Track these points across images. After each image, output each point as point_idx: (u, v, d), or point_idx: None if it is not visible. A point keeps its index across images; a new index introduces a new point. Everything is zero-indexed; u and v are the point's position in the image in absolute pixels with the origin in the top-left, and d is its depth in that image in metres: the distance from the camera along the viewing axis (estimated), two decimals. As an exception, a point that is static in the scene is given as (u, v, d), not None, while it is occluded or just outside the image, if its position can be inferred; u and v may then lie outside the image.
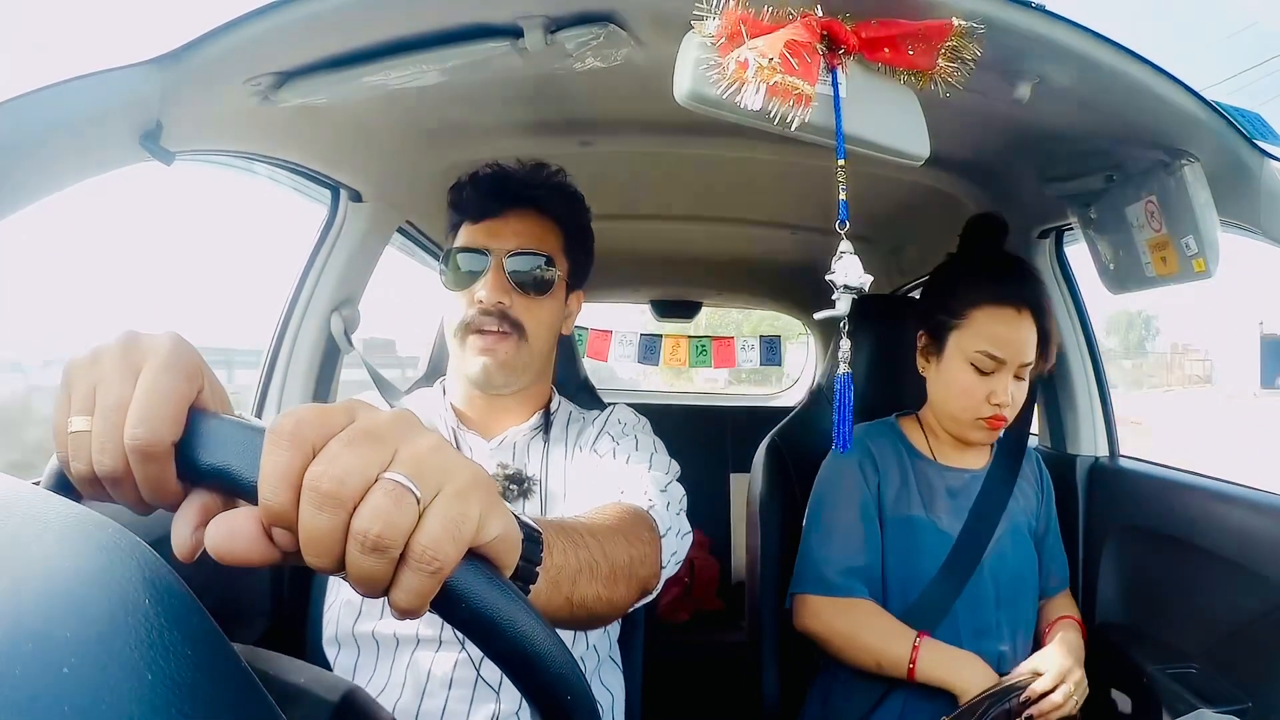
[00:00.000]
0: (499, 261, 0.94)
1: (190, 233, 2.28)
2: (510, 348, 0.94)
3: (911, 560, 1.12)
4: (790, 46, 0.62)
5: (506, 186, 0.98)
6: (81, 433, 0.38)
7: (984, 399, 1.11)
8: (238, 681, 0.29)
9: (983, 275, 1.13)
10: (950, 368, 1.14)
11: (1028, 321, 1.10)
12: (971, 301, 1.12)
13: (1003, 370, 1.10)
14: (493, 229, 0.96)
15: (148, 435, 0.37)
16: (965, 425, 1.14)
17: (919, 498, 1.15)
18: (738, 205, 1.72)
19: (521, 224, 0.97)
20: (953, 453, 1.19)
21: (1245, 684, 1.00)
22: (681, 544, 0.87)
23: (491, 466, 0.94)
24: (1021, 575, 1.14)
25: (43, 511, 0.31)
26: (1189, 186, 0.91)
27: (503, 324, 0.94)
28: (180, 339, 0.41)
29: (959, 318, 1.13)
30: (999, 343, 1.09)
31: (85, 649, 0.25)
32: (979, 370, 1.11)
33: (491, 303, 0.93)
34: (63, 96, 0.66)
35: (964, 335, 1.12)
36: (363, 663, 0.90)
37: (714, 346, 2.87)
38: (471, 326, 0.94)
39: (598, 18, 0.77)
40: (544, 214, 0.98)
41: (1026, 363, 1.11)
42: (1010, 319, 1.10)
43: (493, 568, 0.37)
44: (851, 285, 0.72)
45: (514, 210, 0.97)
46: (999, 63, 0.78)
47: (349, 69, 0.83)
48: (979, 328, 1.11)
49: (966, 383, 1.12)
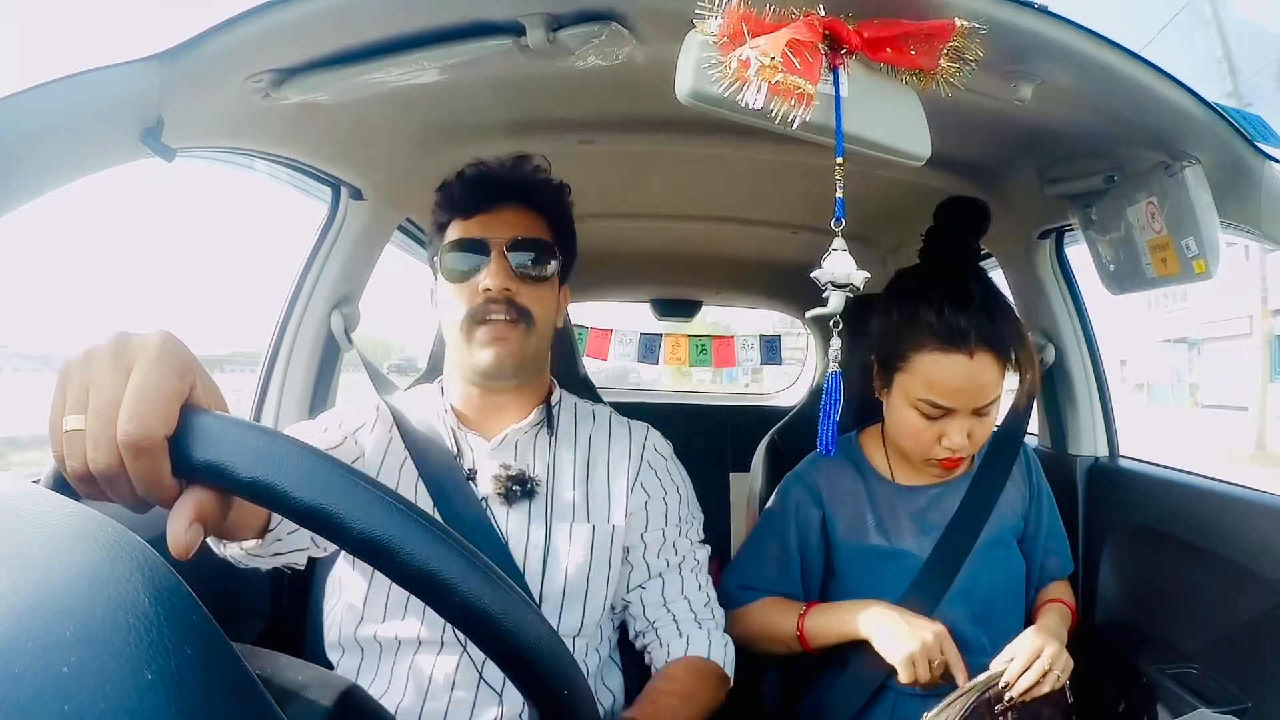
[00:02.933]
0: (500, 251, 0.94)
1: (189, 230, 2.29)
2: (520, 335, 0.94)
3: (873, 588, 1.07)
4: (792, 46, 0.62)
5: (495, 181, 0.98)
6: (76, 431, 0.39)
7: (934, 441, 1.01)
8: (237, 680, 0.29)
9: (925, 307, 0.97)
10: (896, 407, 1.04)
11: (984, 362, 0.96)
12: (913, 343, 0.98)
13: (955, 414, 0.99)
14: (487, 222, 0.96)
15: (139, 430, 0.37)
16: (917, 462, 1.07)
17: (875, 524, 1.10)
18: (738, 204, 1.72)
19: (514, 216, 0.96)
20: (917, 468, 1.11)
21: (1245, 684, 1.00)
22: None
23: (494, 467, 0.94)
24: (1001, 588, 1.09)
25: (42, 511, 0.31)
26: (1190, 188, 0.91)
27: (511, 312, 0.93)
28: (171, 336, 0.41)
29: (900, 360, 1.00)
30: (945, 393, 0.97)
31: (85, 647, 0.25)
32: (925, 415, 1.00)
33: (499, 289, 0.92)
34: (64, 92, 0.66)
35: (906, 379, 1.00)
36: (365, 666, 0.90)
37: (714, 346, 2.87)
38: (478, 317, 0.93)
39: (600, 16, 0.76)
40: (534, 207, 0.98)
41: (982, 406, 0.99)
42: (958, 366, 0.96)
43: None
44: (839, 282, 0.70)
45: (506, 204, 0.97)
46: (1001, 63, 0.78)
47: (350, 66, 0.83)
48: (921, 374, 0.98)
49: (913, 426, 1.02)
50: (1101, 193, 1.08)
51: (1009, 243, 1.36)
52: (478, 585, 0.37)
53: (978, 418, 1.01)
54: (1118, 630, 1.22)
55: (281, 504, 0.36)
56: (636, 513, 1.00)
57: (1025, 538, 1.15)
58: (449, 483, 0.92)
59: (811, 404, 1.43)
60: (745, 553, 1.18)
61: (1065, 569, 1.19)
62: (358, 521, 0.36)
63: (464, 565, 0.37)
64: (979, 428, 1.01)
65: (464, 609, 0.37)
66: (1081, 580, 1.29)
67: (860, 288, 0.71)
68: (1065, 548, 1.20)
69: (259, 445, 0.37)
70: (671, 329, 2.90)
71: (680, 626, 0.98)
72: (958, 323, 0.95)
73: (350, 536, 0.36)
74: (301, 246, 1.29)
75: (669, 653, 0.96)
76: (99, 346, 0.41)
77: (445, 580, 0.36)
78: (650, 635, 0.99)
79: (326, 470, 0.37)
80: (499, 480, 0.92)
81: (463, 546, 0.37)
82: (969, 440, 1.01)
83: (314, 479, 0.36)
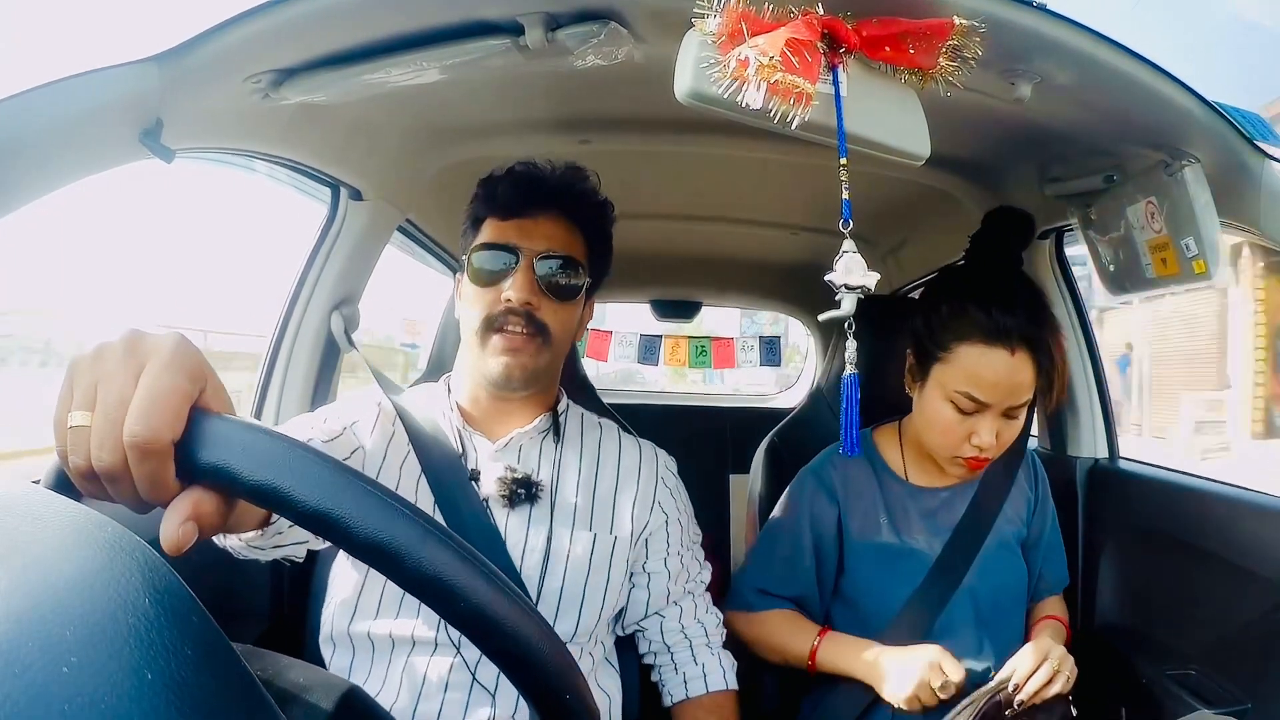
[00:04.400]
0: (529, 262, 0.92)
1: (189, 231, 2.29)
2: (534, 350, 0.93)
3: (885, 585, 1.08)
4: (791, 45, 0.62)
5: (541, 187, 0.96)
6: (81, 428, 0.39)
7: (964, 438, 1.01)
8: (237, 681, 0.29)
9: (973, 304, 0.99)
10: (930, 400, 1.04)
11: (1023, 362, 0.97)
12: (957, 334, 1.00)
13: (988, 411, 1.00)
14: (523, 228, 0.94)
15: (146, 432, 0.37)
16: (943, 459, 1.07)
17: (888, 522, 1.11)
18: (738, 205, 1.72)
19: (552, 227, 0.95)
20: (931, 469, 1.12)
21: (1245, 685, 1.00)
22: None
23: (498, 469, 0.93)
24: (1006, 591, 1.10)
25: (43, 511, 0.31)
26: (1189, 187, 0.91)
27: (529, 326, 0.92)
28: (184, 339, 0.41)
29: (943, 349, 1.01)
30: (983, 386, 0.98)
31: (86, 648, 0.25)
32: (959, 409, 1.01)
33: (520, 303, 0.91)
34: (63, 94, 0.66)
35: (946, 370, 1.01)
36: (358, 664, 0.90)
37: (714, 347, 2.87)
38: (495, 325, 0.92)
39: (599, 15, 0.76)
40: (573, 219, 0.97)
41: (1017, 405, 1.00)
42: (1000, 360, 0.97)
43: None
44: (853, 285, 0.70)
45: (546, 212, 0.95)
46: (1000, 62, 0.78)
47: (349, 66, 0.83)
48: (962, 365, 0.99)
49: (946, 420, 1.02)
50: (1101, 192, 1.08)
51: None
52: (483, 591, 0.37)
53: (1007, 419, 1.01)
54: (1118, 632, 1.22)
55: (287, 508, 0.36)
56: (656, 533, 1.02)
57: (1028, 545, 1.16)
58: (451, 482, 0.92)
59: (811, 405, 1.42)
60: (760, 552, 1.18)
61: (1061, 582, 1.20)
62: (363, 526, 0.36)
63: (469, 572, 0.37)
64: (1007, 429, 1.02)
65: (468, 614, 0.37)
66: (1081, 582, 1.29)
67: (872, 289, 0.71)
68: (1063, 561, 1.21)
69: (265, 450, 0.37)
70: (671, 330, 2.90)
71: (695, 653, 1.03)
72: (1005, 320, 0.97)
73: (355, 541, 0.36)
74: (301, 247, 1.29)
75: (685, 679, 1.02)
76: (111, 344, 0.40)
77: (451, 586, 0.36)
78: (665, 658, 1.04)
79: (331, 475, 0.37)
80: (503, 482, 0.92)
81: (468, 552, 0.37)
82: (996, 441, 1.01)
83: (318, 484, 0.36)
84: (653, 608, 1.03)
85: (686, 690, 1.01)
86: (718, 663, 1.03)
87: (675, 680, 1.02)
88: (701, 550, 1.09)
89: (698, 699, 1.01)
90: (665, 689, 1.03)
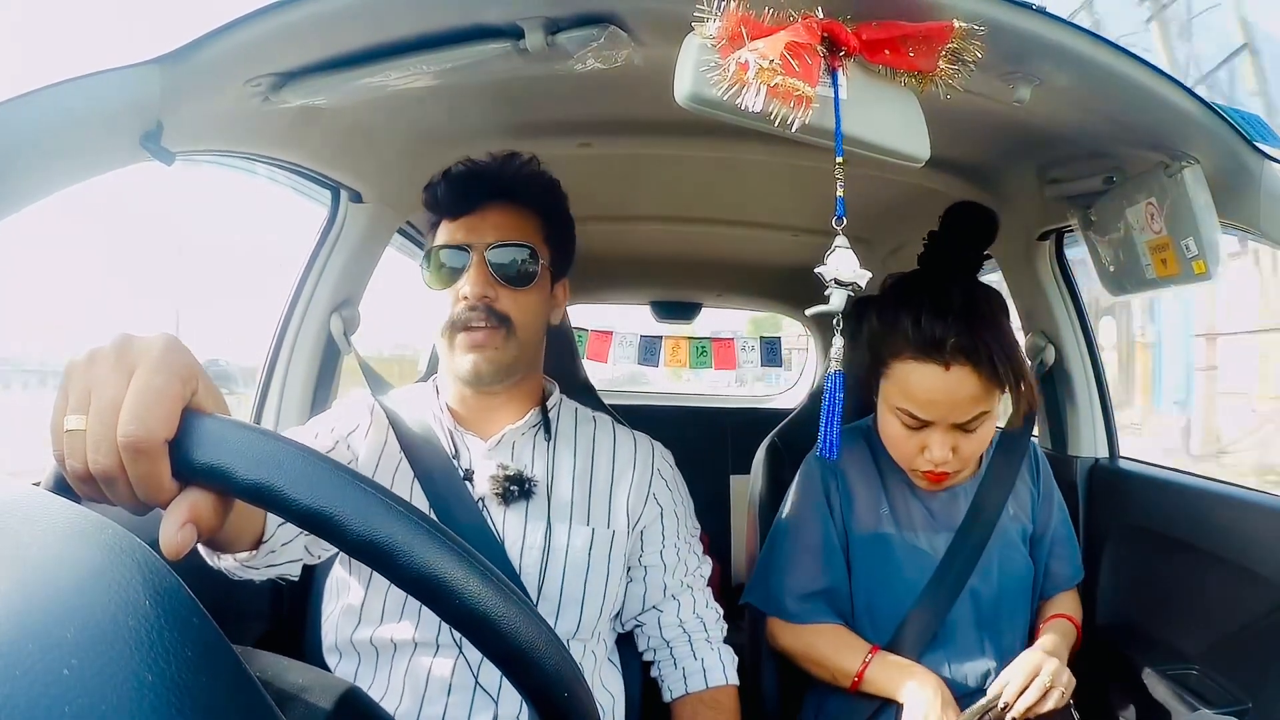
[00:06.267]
0: (480, 256, 0.93)
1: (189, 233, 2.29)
2: (499, 343, 0.93)
3: (885, 580, 1.06)
4: (791, 48, 0.62)
5: (480, 180, 0.97)
6: (77, 431, 0.39)
7: (916, 452, 0.99)
8: (237, 683, 0.29)
9: (904, 312, 0.95)
10: (881, 413, 1.03)
11: (962, 376, 0.92)
12: (891, 348, 0.97)
13: (934, 426, 0.96)
14: (471, 224, 0.95)
15: (139, 433, 0.38)
16: (906, 471, 1.04)
17: (890, 513, 1.08)
18: (737, 207, 1.72)
19: (500, 216, 0.95)
20: None
21: (1245, 685, 1.00)
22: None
23: (491, 467, 0.93)
24: (1010, 589, 1.08)
25: (43, 512, 0.31)
26: (1189, 188, 0.91)
27: (490, 319, 0.92)
28: (174, 340, 0.42)
29: (883, 365, 0.99)
30: (919, 403, 0.95)
31: (86, 650, 0.25)
32: (905, 424, 0.98)
33: (476, 297, 0.91)
34: (64, 96, 0.66)
35: (886, 385, 0.99)
36: (363, 670, 0.90)
37: (714, 348, 2.87)
38: (459, 324, 0.92)
39: (598, 19, 0.76)
40: (522, 205, 0.97)
41: (965, 421, 0.96)
42: (933, 376, 0.93)
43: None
44: (843, 280, 0.70)
45: (491, 204, 0.96)
46: (999, 64, 0.78)
47: (350, 70, 0.83)
48: (896, 381, 0.97)
49: (895, 435, 1.00)
50: (1101, 193, 1.08)
51: (1009, 244, 1.37)
52: (477, 587, 0.37)
53: (963, 433, 0.97)
54: (1118, 631, 1.22)
55: (281, 507, 0.36)
56: (651, 526, 1.01)
57: (1034, 540, 1.14)
58: (445, 483, 0.92)
59: (812, 405, 1.43)
60: (785, 549, 1.12)
61: (1075, 577, 1.16)
62: (357, 524, 0.36)
63: (464, 567, 0.37)
64: (966, 443, 0.98)
65: (463, 611, 0.37)
66: (1082, 582, 1.28)
67: (863, 286, 0.71)
68: (1075, 555, 1.17)
69: (259, 448, 0.37)
70: (671, 331, 2.90)
71: (695, 648, 1.03)
72: (933, 331, 0.92)
73: (349, 539, 0.36)
74: (302, 249, 1.29)
75: (685, 674, 1.01)
76: (102, 348, 0.41)
77: (445, 582, 0.36)
78: (664, 653, 1.03)
79: (325, 473, 0.37)
80: (496, 480, 0.92)
81: (462, 548, 0.37)
82: (954, 455, 0.98)
83: (313, 482, 0.36)
84: (650, 602, 1.02)
85: (686, 685, 1.01)
86: (718, 658, 1.03)
87: (675, 675, 1.02)
88: (700, 544, 1.09)
89: (698, 694, 1.01)
90: (665, 684, 1.03)
